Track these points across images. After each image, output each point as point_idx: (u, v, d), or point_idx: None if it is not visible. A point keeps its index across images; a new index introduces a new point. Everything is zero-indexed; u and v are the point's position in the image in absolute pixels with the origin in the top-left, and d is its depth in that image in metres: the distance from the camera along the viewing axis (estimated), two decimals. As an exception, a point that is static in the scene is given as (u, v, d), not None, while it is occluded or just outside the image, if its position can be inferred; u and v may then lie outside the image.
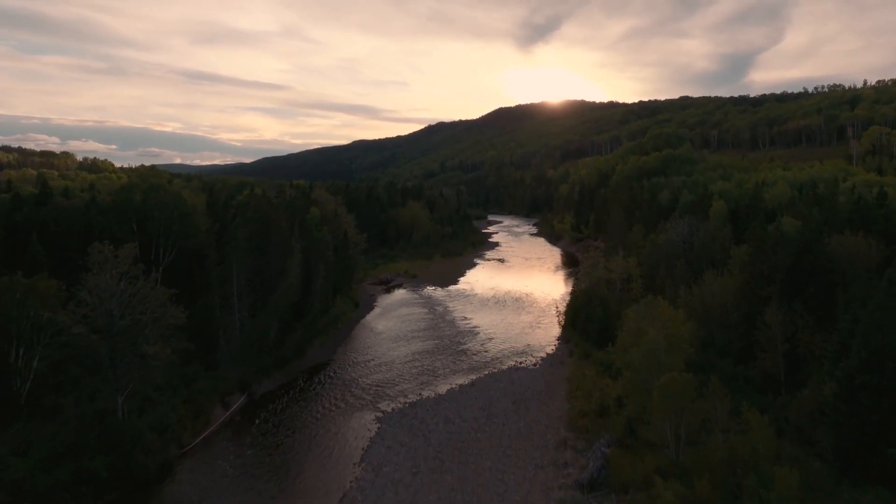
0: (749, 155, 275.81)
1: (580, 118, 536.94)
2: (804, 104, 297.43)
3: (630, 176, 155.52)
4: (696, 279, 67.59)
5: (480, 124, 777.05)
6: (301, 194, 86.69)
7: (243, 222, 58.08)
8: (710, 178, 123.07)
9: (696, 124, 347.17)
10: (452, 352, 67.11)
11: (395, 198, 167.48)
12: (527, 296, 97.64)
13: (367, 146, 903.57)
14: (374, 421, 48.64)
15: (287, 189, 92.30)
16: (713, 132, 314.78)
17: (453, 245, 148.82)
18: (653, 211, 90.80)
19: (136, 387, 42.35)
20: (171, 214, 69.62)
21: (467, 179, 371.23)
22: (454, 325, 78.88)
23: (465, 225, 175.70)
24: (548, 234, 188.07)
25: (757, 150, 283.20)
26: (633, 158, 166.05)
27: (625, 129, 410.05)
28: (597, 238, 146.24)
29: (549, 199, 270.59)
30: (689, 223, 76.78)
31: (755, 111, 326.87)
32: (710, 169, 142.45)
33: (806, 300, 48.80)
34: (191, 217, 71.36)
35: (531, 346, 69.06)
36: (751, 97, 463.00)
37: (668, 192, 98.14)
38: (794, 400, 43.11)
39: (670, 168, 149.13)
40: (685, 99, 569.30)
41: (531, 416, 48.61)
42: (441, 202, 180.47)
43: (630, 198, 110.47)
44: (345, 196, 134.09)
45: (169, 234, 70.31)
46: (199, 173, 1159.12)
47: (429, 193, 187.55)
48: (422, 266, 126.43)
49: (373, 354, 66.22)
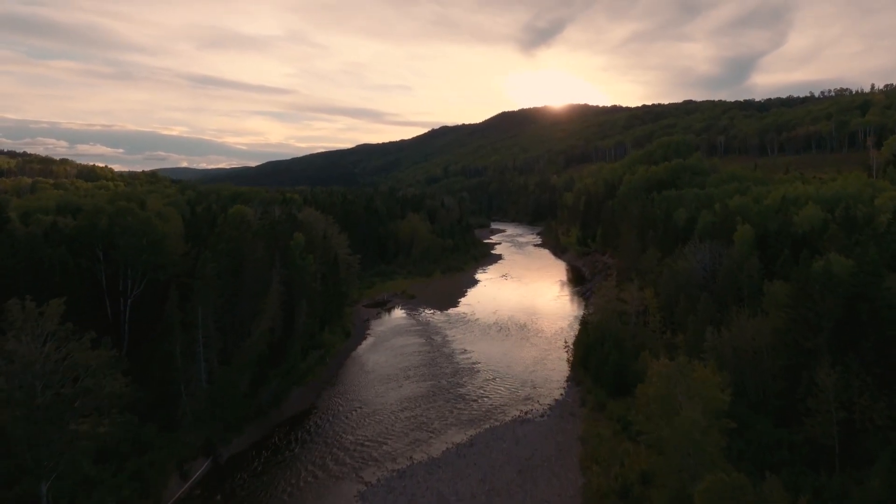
0: (758, 161, 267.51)
1: (583, 122, 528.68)
2: (813, 109, 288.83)
3: (638, 187, 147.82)
4: (721, 314, 59.96)
5: (484, 128, 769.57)
6: (287, 216, 78.93)
7: (212, 256, 50.54)
8: (726, 192, 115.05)
9: (702, 130, 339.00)
10: (449, 396, 59.42)
11: (395, 209, 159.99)
12: (531, 321, 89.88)
13: (370, 150, 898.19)
14: (357, 498, 40.99)
15: (275, 208, 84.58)
16: (720, 138, 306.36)
17: (454, 259, 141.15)
18: (668, 232, 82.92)
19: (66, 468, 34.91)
20: (139, 242, 62.38)
21: (470, 185, 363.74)
22: (452, 360, 71.16)
23: (467, 236, 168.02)
24: (552, 245, 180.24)
25: (765, 157, 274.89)
26: (642, 168, 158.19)
27: (629, 134, 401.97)
28: (604, 252, 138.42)
29: (552, 207, 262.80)
30: (710, 249, 69.00)
31: (762, 116, 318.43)
32: (723, 181, 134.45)
33: (862, 356, 41.11)
34: (162, 244, 64.05)
35: (537, 389, 61.29)
36: (756, 101, 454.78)
37: (685, 211, 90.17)
38: (858, 486, 35.47)
39: (681, 179, 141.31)
40: (689, 103, 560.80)
41: (539, 493, 40.86)
42: (442, 213, 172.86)
43: (642, 214, 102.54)
44: (341, 209, 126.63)
45: (137, 264, 63.15)
46: (203, 178, 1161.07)
47: (430, 203, 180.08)
48: (421, 284, 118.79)
49: (361, 400, 58.58)
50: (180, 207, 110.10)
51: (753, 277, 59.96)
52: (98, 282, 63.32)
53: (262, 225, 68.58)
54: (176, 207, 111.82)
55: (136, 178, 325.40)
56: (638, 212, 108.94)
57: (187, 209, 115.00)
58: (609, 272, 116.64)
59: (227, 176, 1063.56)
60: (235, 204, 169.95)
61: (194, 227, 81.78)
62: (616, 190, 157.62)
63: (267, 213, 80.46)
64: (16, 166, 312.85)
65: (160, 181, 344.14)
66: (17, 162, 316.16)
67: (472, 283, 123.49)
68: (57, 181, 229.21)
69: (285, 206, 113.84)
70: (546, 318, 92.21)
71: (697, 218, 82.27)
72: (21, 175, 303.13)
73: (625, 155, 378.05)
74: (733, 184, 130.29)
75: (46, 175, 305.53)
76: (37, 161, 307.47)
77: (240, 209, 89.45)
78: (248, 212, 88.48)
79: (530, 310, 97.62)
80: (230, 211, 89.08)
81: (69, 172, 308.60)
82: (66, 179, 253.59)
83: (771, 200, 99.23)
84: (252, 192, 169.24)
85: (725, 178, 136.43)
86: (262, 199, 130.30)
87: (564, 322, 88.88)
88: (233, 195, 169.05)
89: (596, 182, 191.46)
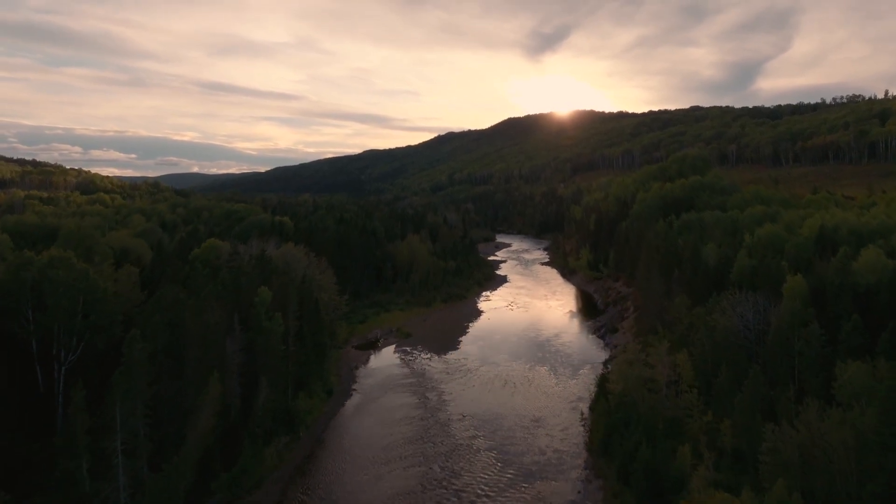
0: (772, 171, 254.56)
1: (590, 129, 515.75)
2: (828, 118, 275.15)
3: (653, 206, 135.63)
4: (773, 392, 48.14)
5: (490, 134, 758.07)
6: (257, 261, 67.20)
7: (138, 338, 39.16)
8: (752, 218, 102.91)
9: (711, 138, 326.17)
10: (442, 493, 47.74)
11: (394, 228, 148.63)
12: (540, 370, 78.04)
13: (377, 156, 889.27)
14: None
15: (244, 251, 72.79)
16: (731, 147, 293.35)
17: (456, 285, 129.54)
18: (698, 274, 70.90)
19: None
20: (72, 302, 51.28)
21: (475, 194, 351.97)
22: (448, 432, 59.40)
23: (471, 256, 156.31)
24: (560, 264, 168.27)
25: (779, 167, 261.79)
26: (656, 185, 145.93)
27: (637, 141, 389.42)
28: (617, 278, 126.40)
29: (559, 219, 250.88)
30: (753, 302, 57.06)
31: (775, 124, 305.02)
32: (746, 202, 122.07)
33: None
34: (103, 303, 52.87)
35: (548, 482, 49.45)
36: (766, 108, 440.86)
37: (715, 248, 78.03)
38: None
39: (699, 198, 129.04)
40: (696, 109, 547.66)
41: None
42: (444, 230, 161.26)
43: (664, 247, 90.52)
44: (334, 236, 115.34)
45: (72, 326, 52.11)
46: (213, 183, 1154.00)
47: (432, 220, 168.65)
48: (419, 317, 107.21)
49: (332, 500, 47.03)
50: (154, 237, 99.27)
51: (815, 350, 48.07)
52: (28, 346, 52.62)
53: (222, 278, 57.19)
54: (151, 236, 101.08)
55: (137, 188, 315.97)
56: (657, 241, 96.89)
57: (166, 237, 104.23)
58: (625, 305, 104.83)
59: (236, 181, 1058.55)
60: (229, 218, 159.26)
61: (158, 267, 70.75)
62: (629, 208, 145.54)
63: (234, 258, 68.96)
64: (18, 176, 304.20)
65: (162, 191, 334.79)
66: (20, 171, 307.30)
67: (474, 314, 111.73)
68: (50, 195, 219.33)
69: (268, 238, 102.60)
70: (557, 364, 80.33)
71: (732, 258, 70.11)
72: (21, 187, 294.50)
73: (633, 163, 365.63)
74: (758, 206, 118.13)
75: (46, 186, 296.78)
76: (36, 173, 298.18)
77: (213, 244, 78.20)
78: (220, 248, 77.29)
79: (538, 353, 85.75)
80: (199, 248, 77.84)
81: (69, 183, 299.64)
82: (62, 193, 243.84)
83: (807, 231, 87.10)
84: (246, 210, 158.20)
85: (749, 199, 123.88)
86: (250, 224, 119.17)
87: (578, 373, 77.02)
88: (225, 213, 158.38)
89: (606, 197, 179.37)
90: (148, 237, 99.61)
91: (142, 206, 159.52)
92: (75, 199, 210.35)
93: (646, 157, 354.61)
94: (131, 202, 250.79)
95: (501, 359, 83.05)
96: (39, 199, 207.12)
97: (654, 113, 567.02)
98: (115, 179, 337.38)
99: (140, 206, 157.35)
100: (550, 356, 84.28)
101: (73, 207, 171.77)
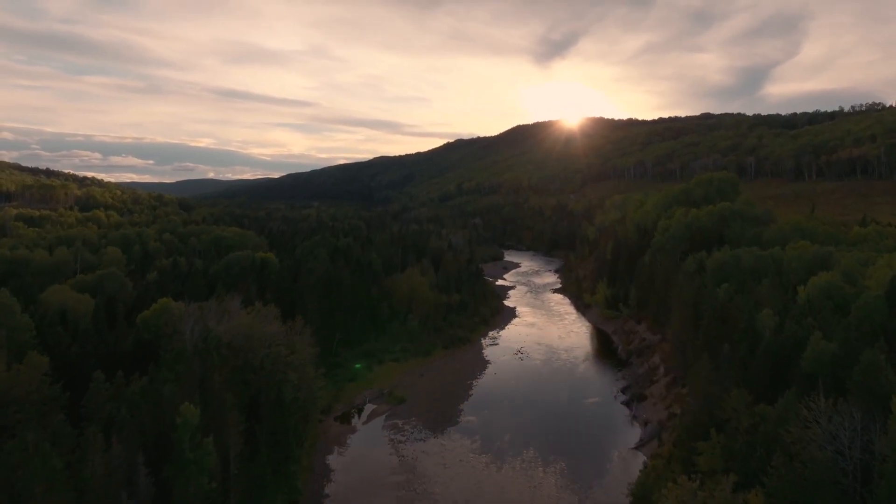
0: (794, 186, 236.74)
1: (600, 138, 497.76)
2: (852, 129, 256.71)
3: (678, 236, 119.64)
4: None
5: (499, 142, 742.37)
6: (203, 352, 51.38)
7: None
8: (798, 260, 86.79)
9: (728, 149, 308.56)
10: None
11: (394, 258, 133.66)
12: (557, 470, 62.45)
13: (387, 163, 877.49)
14: None
15: (193, 324, 56.96)
16: (749, 159, 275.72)
17: (460, 325, 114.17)
18: (755, 356, 55.00)
19: None
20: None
21: (483, 206, 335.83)
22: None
23: (478, 285, 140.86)
24: (573, 292, 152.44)
25: (802, 181, 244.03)
26: (679, 212, 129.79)
27: (649, 151, 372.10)
28: (640, 320, 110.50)
29: (571, 237, 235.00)
30: (848, 420, 41.27)
31: (794, 135, 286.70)
32: (785, 234, 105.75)
33: None
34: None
35: None
36: (781, 116, 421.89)
37: (772, 316, 61.88)
38: None
39: (730, 230, 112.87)
40: (707, 116, 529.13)
41: None
42: (448, 257, 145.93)
43: (699, 299, 74.64)
44: (324, 277, 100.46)
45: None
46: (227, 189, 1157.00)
47: (435, 247, 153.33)
48: (416, 371, 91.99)
49: None
50: (114, 285, 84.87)
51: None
52: None
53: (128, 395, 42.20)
54: (111, 282, 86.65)
55: (139, 202, 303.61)
56: (688, 290, 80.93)
57: (127, 282, 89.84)
58: (651, 360, 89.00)
59: (250, 187, 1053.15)
60: (217, 245, 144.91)
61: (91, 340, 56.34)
62: (649, 237, 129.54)
63: (178, 337, 53.92)
64: (20, 189, 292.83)
65: (165, 204, 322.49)
66: (21, 185, 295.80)
67: (479, 366, 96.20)
68: (42, 213, 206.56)
69: (247, 277, 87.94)
70: (577, 451, 64.65)
71: (800, 338, 54.03)
72: (21, 200, 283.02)
73: (645, 174, 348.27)
74: (798, 239, 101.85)
75: (46, 200, 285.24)
76: (37, 187, 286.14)
77: (164, 306, 63.37)
78: (172, 310, 62.47)
79: (553, 433, 70.01)
80: (149, 309, 63.10)
81: (70, 198, 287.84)
82: (60, 210, 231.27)
83: (875, 283, 71.00)
84: (235, 238, 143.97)
85: (787, 232, 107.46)
86: (232, 261, 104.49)
87: (605, 469, 61.38)
88: (214, 240, 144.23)
89: (623, 220, 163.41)
90: (109, 282, 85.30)
91: (127, 233, 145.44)
92: (67, 219, 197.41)
93: (659, 167, 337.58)
94: (128, 218, 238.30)
95: (509, 442, 67.50)
96: (31, 219, 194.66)
97: (665, 120, 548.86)
98: (119, 193, 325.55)
99: (124, 234, 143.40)
100: (568, 438, 68.43)
101: (57, 232, 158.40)
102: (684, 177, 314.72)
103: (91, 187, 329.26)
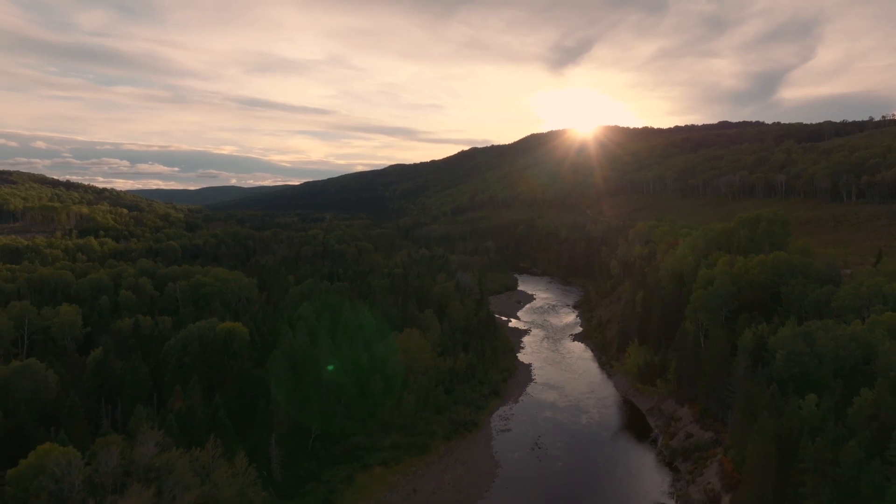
0: (832, 208, 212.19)
1: (615, 147, 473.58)
2: (893, 145, 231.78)
3: (723, 292, 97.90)
4: None
5: (513, 150, 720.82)
6: None
7: None
8: None
9: (753, 164, 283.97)
10: None
11: (392, 310, 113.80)
12: None
13: (402, 171, 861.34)
14: None
15: (75, 477, 37.78)
16: (779, 177, 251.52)
17: (466, 402, 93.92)
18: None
19: None
20: None
21: (496, 227, 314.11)
22: None
23: (488, 339, 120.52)
24: (596, 343, 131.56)
25: (839, 202, 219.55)
26: (723, 259, 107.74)
27: (668, 165, 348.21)
28: (682, 401, 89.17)
29: (589, 262, 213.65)
30: None
31: (827, 150, 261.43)
32: (860, 297, 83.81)
33: None
34: None
35: None
36: (806, 125, 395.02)
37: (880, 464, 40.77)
38: None
39: (789, 289, 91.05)
40: (726, 125, 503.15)
41: None
42: (456, 306, 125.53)
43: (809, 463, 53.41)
44: (303, 355, 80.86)
45: None
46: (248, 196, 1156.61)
47: (440, 291, 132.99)
48: (407, 484, 71.76)
49: None
50: (29, 384, 65.93)
51: None
52: None
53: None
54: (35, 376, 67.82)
55: (142, 222, 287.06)
56: (764, 413, 59.65)
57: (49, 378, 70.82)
58: (707, 477, 67.85)
59: (269, 195, 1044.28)
60: (196, 293, 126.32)
61: None
62: (687, 288, 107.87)
63: None
64: (20, 211, 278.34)
65: (172, 224, 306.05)
66: (22, 207, 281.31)
67: (485, 472, 75.58)
68: (32, 242, 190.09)
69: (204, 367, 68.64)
70: None
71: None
72: (21, 223, 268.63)
73: (664, 188, 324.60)
74: (879, 304, 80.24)
75: (48, 222, 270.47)
76: (38, 209, 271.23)
77: (45, 454, 44.17)
78: (55, 460, 43.34)
79: None
80: (12, 472, 43.87)
81: (71, 218, 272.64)
82: (56, 236, 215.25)
83: None
84: (216, 285, 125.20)
85: (863, 294, 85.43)
86: (196, 332, 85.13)
87: None
88: (193, 286, 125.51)
89: (652, 258, 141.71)
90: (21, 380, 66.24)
91: (101, 278, 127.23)
92: (53, 252, 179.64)
93: (679, 182, 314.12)
94: (125, 244, 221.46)
95: None
96: (15, 250, 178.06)
97: (682, 129, 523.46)
98: (124, 213, 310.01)
99: (95, 280, 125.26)
100: None
101: (33, 272, 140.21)
102: (708, 193, 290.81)
103: (95, 206, 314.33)
